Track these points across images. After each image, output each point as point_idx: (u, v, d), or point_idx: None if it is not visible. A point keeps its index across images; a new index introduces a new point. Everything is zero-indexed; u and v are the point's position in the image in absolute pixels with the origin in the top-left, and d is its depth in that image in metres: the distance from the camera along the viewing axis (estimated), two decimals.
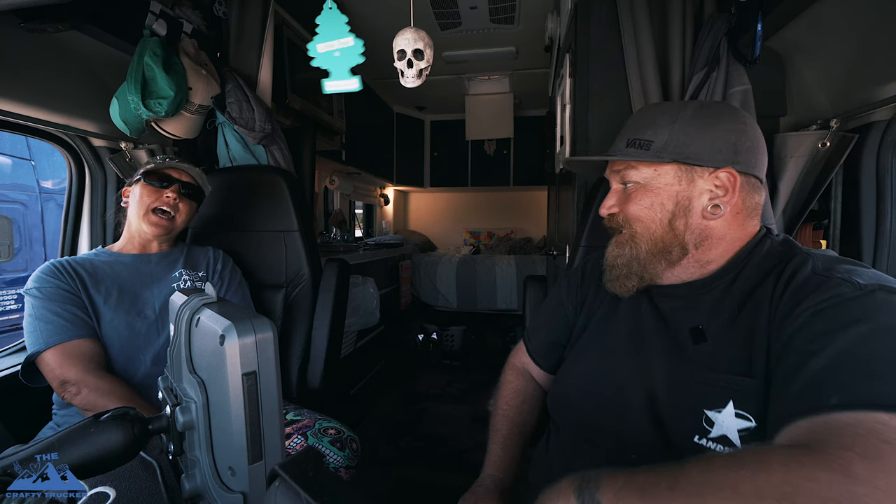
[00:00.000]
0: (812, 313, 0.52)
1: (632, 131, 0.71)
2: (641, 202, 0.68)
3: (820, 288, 0.54)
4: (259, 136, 1.50)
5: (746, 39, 1.11)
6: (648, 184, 0.68)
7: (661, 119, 0.68)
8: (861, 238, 1.04)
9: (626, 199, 0.70)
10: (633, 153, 0.68)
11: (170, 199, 1.10)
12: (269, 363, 0.42)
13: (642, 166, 0.68)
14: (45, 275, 1.00)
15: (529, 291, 1.32)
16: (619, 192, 0.72)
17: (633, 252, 0.69)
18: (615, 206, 0.72)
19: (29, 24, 1.01)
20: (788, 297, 0.56)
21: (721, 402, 0.57)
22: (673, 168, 0.66)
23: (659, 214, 0.67)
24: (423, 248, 4.28)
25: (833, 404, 0.46)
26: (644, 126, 0.69)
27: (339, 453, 1.01)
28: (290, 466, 0.32)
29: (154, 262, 1.14)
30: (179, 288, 1.11)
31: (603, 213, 0.74)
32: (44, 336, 0.93)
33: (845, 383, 0.46)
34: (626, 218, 0.70)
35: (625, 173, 0.70)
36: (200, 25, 1.45)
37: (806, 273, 0.57)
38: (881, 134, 1.00)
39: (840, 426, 0.45)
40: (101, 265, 1.07)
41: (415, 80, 1.30)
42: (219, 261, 1.24)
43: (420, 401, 2.72)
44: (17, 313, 2.95)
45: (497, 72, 3.31)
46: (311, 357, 1.34)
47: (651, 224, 0.68)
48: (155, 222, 1.09)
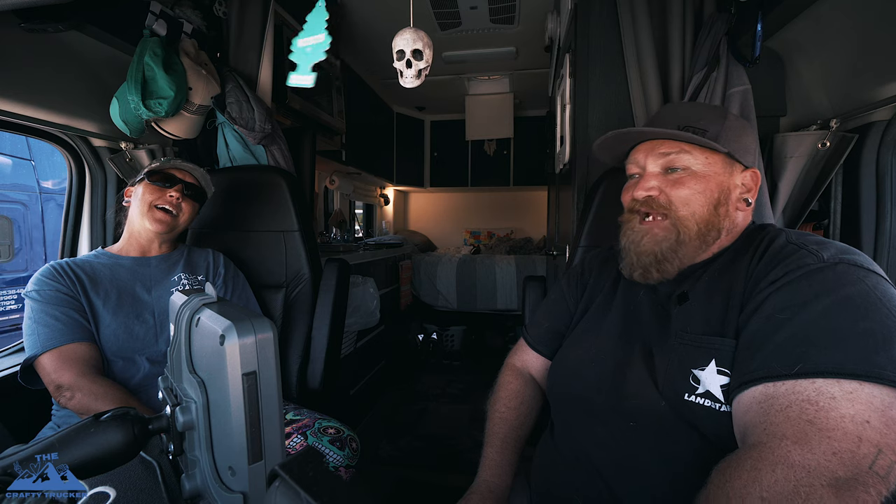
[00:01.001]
0: (782, 284, 0.57)
1: (682, 119, 0.72)
2: (694, 186, 0.69)
3: (791, 256, 0.59)
4: (259, 136, 1.50)
5: (746, 39, 1.11)
6: (699, 170, 0.70)
7: (711, 113, 0.72)
8: (861, 238, 1.04)
9: (673, 184, 0.71)
10: (695, 138, 0.69)
11: (173, 199, 1.09)
12: (269, 363, 0.42)
13: (697, 152, 0.70)
14: (44, 277, 0.99)
15: (529, 291, 1.32)
16: (659, 176, 0.73)
17: (682, 235, 0.70)
18: (656, 188, 0.72)
19: (29, 24, 1.01)
20: (764, 263, 0.61)
21: (705, 361, 0.61)
22: (722, 159, 0.70)
23: (707, 199, 0.69)
24: (423, 248, 4.28)
25: (782, 374, 0.51)
26: (695, 116, 0.71)
27: (339, 452, 1.01)
28: (290, 466, 0.32)
29: (153, 265, 1.13)
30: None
31: (640, 195, 0.74)
32: (40, 340, 0.93)
33: (806, 353, 0.51)
34: (671, 201, 0.71)
35: (675, 158, 0.71)
36: (200, 25, 1.45)
37: (781, 242, 0.63)
38: (881, 134, 1.00)
39: (780, 405, 0.50)
40: (100, 268, 1.07)
41: (414, 80, 1.30)
42: (220, 265, 1.24)
43: (420, 401, 2.72)
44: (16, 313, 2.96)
45: (497, 72, 3.31)
46: (311, 357, 1.34)
47: (699, 208, 0.69)
48: (158, 218, 1.08)
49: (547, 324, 0.93)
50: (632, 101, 1.34)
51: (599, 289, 0.86)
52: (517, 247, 4.05)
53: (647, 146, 0.74)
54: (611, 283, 0.85)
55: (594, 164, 1.39)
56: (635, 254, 0.75)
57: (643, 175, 0.75)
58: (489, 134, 3.90)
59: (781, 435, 0.48)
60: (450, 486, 1.84)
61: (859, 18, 0.95)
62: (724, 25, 1.19)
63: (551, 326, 0.92)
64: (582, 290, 0.90)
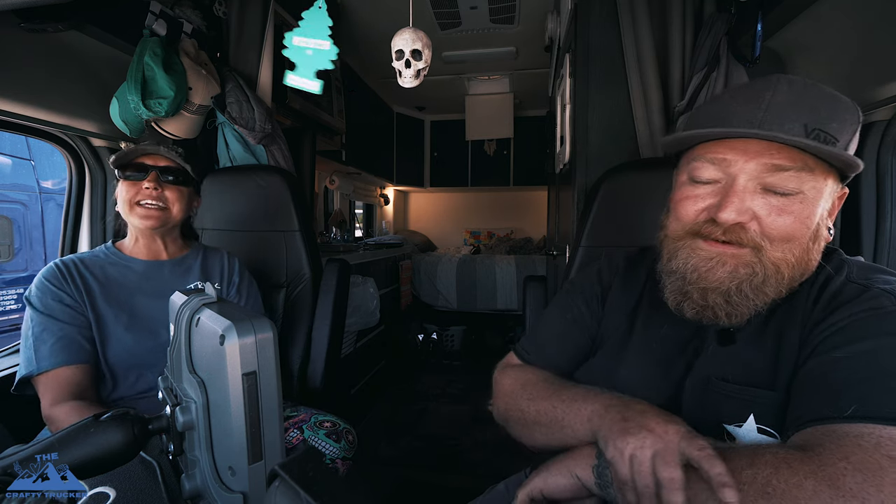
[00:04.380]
0: (848, 323, 0.49)
1: (810, 116, 0.50)
2: (801, 216, 0.51)
3: (858, 298, 0.50)
4: (259, 135, 1.50)
5: (746, 39, 1.11)
6: (809, 194, 0.51)
7: (847, 113, 0.52)
8: (861, 238, 1.04)
9: (777, 211, 0.52)
10: (833, 153, 0.49)
11: (149, 191, 0.96)
12: (269, 363, 0.42)
13: (819, 170, 0.51)
14: (47, 282, 0.92)
15: (529, 291, 1.32)
16: (756, 196, 0.53)
17: (772, 279, 0.53)
18: (750, 211, 0.52)
19: (29, 24, 1.01)
20: (823, 304, 0.52)
21: (741, 416, 0.53)
22: (834, 178, 0.53)
23: (808, 233, 0.53)
24: (423, 248, 4.28)
25: (848, 415, 0.44)
26: (829, 116, 0.51)
27: (336, 445, 1.00)
28: (290, 466, 0.32)
29: (167, 270, 1.05)
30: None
31: (728, 219, 0.52)
32: (27, 361, 0.89)
33: (866, 395, 0.45)
34: (767, 234, 0.52)
35: (793, 176, 0.51)
36: (200, 25, 1.45)
37: (840, 280, 0.53)
38: (881, 134, 1.00)
39: (846, 435, 0.43)
40: (111, 272, 0.99)
41: (412, 80, 1.30)
42: (234, 272, 1.16)
43: (420, 401, 2.72)
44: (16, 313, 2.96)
45: (497, 72, 3.31)
46: (311, 357, 1.34)
47: (798, 246, 0.53)
48: (143, 214, 0.97)
49: (555, 358, 0.75)
50: (632, 101, 1.34)
51: (615, 316, 0.71)
52: (517, 247, 4.05)
53: (746, 146, 0.52)
54: (629, 310, 0.70)
55: (594, 164, 1.39)
56: (698, 287, 0.56)
57: (729, 188, 0.53)
58: (489, 134, 3.90)
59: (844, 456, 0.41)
60: (450, 487, 1.84)
61: (859, 18, 0.95)
62: (724, 25, 1.19)
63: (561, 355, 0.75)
64: (601, 315, 0.74)
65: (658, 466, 0.45)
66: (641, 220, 1.09)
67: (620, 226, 1.15)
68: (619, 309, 0.72)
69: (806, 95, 0.52)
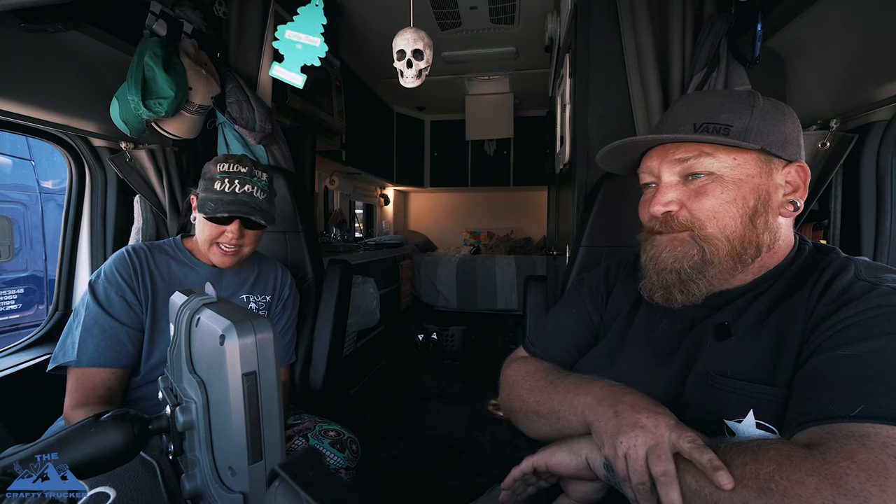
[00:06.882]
0: (856, 321, 0.49)
1: (698, 115, 0.61)
2: (720, 196, 0.58)
3: (867, 295, 0.50)
4: (259, 135, 1.50)
5: (746, 39, 1.11)
6: (727, 174, 0.58)
7: (736, 104, 0.60)
8: (861, 238, 1.04)
9: (694, 194, 0.60)
10: (714, 138, 0.57)
11: (232, 237, 1.00)
12: (269, 363, 0.42)
13: (721, 154, 0.58)
14: (118, 273, 0.92)
15: (530, 291, 1.32)
16: (678, 186, 0.62)
17: (709, 255, 0.59)
18: (674, 201, 0.61)
19: (29, 24, 1.01)
20: (828, 300, 0.53)
21: (740, 412, 0.53)
22: (755, 157, 0.59)
23: (741, 210, 0.58)
24: (423, 248, 4.28)
25: (856, 414, 0.44)
26: (715, 109, 0.60)
27: (340, 454, 1.01)
28: (290, 467, 0.32)
29: (227, 278, 1.10)
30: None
31: (657, 212, 0.62)
32: (69, 347, 0.89)
33: (873, 394, 0.44)
34: (695, 216, 0.60)
35: (694, 163, 0.59)
36: (200, 25, 1.45)
37: (848, 277, 0.54)
38: (881, 134, 1.00)
39: (852, 434, 0.43)
40: (177, 270, 1.02)
41: (414, 80, 1.31)
42: (286, 285, 1.20)
43: (420, 401, 2.72)
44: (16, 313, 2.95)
45: (497, 72, 3.31)
46: (313, 358, 1.34)
47: (731, 221, 0.58)
48: (221, 254, 1.01)
49: (561, 355, 0.79)
50: (632, 101, 1.34)
51: (616, 310, 0.75)
52: (517, 247, 4.05)
53: (660, 151, 0.63)
54: (630, 305, 0.73)
55: (594, 164, 1.39)
56: (655, 271, 0.64)
57: (659, 186, 0.64)
58: (489, 134, 3.90)
59: (849, 455, 0.41)
60: (450, 487, 1.84)
61: (859, 18, 0.95)
62: (724, 25, 1.19)
63: (566, 348, 0.79)
64: (603, 312, 0.78)
65: (651, 462, 0.48)
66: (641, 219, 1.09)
67: (621, 225, 1.15)
68: (621, 305, 0.75)
69: (698, 100, 0.63)
